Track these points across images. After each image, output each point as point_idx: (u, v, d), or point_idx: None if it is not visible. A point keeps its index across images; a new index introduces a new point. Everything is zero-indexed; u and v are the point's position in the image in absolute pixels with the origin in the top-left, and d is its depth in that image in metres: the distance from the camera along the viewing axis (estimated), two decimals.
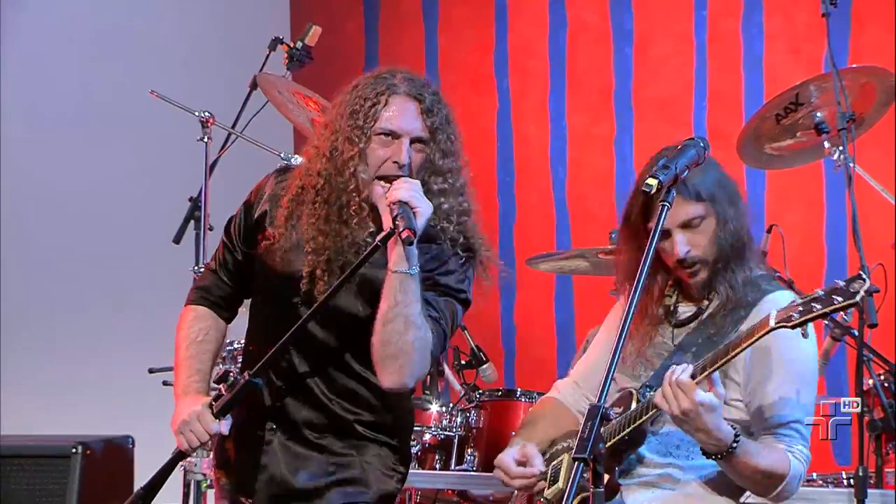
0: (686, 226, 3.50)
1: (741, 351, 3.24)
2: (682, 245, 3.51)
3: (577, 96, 7.36)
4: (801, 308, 3.15)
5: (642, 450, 3.52)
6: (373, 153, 3.35)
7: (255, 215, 3.52)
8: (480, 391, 4.97)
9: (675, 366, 3.28)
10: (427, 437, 4.80)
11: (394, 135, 3.34)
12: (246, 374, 3.32)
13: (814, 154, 5.04)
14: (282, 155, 5.12)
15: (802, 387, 3.45)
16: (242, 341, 4.84)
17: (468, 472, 4.72)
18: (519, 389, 4.89)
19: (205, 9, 7.60)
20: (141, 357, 5.50)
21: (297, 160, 5.05)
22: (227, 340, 4.82)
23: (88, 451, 4.99)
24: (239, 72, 5.62)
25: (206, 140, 5.18)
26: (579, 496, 3.29)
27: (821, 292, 3.15)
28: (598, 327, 5.95)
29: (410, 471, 4.50)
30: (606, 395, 2.91)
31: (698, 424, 3.23)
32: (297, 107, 5.25)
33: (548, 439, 3.69)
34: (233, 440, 3.50)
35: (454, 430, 4.80)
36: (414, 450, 4.69)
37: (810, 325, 3.16)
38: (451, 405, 4.91)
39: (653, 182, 3.12)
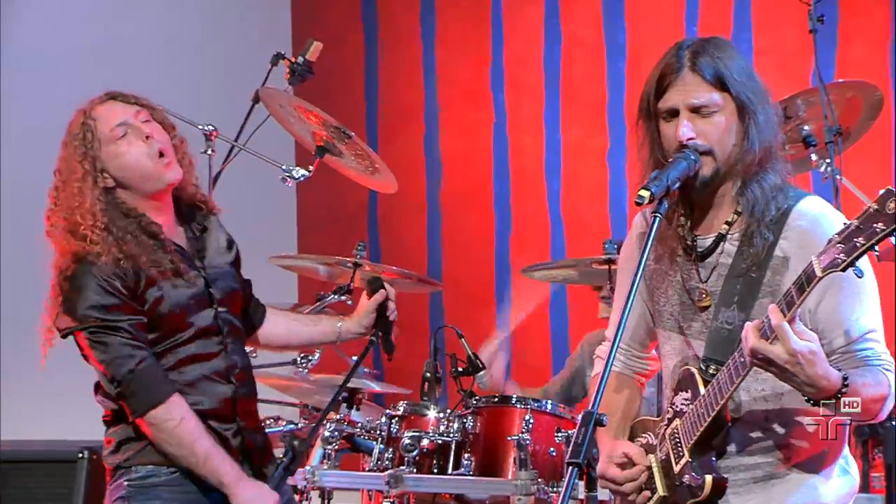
0: (696, 111, 3.12)
1: (796, 309, 2.84)
2: (685, 127, 3.10)
3: (571, 109, 7.43)
4: (842, 246, 2.73)
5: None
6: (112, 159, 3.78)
7: (140, 289, 3.66)
8: (477, 398, 5.03)
9: (748, 323, 2.91)
10: (425, 441, 4.84)
11: (133, 129, 3.83)
12: (295, 442, 3.64)
13: (802, 167, 5.04)
14: (283, 167, 5.16)
15: (864, 299, 3.04)
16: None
17: (465, 477, 4.78)
18: (514, 396, 4.95)
19: (208, 24, 7.66)
20: None
21: (299, 172, 5.16)
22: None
23: (95, 456, 5.00)
24: (242, 86, 5.63)
25: (209, 153, 5.18)
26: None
27: (856, 222, 2.72)
28: (593, 333, 6.08)
29: (409, 475, 4.73)
30: (600, 401, 2.76)
31: (803, 376, 2.86)
32: (298, 120, 5.29)
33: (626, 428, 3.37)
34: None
35: (451, 435, 4.86)
36: (412, 454, 4.78)
37: (865, 258, 2.75)
38: (448, 411, 4.96)
39: (645, 194, 2.95)
